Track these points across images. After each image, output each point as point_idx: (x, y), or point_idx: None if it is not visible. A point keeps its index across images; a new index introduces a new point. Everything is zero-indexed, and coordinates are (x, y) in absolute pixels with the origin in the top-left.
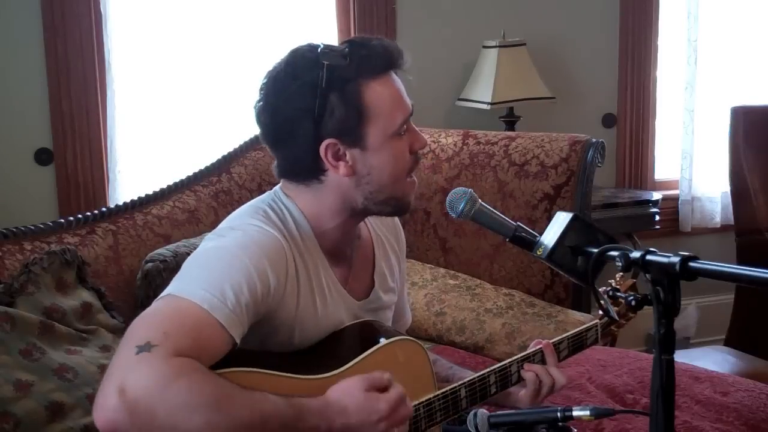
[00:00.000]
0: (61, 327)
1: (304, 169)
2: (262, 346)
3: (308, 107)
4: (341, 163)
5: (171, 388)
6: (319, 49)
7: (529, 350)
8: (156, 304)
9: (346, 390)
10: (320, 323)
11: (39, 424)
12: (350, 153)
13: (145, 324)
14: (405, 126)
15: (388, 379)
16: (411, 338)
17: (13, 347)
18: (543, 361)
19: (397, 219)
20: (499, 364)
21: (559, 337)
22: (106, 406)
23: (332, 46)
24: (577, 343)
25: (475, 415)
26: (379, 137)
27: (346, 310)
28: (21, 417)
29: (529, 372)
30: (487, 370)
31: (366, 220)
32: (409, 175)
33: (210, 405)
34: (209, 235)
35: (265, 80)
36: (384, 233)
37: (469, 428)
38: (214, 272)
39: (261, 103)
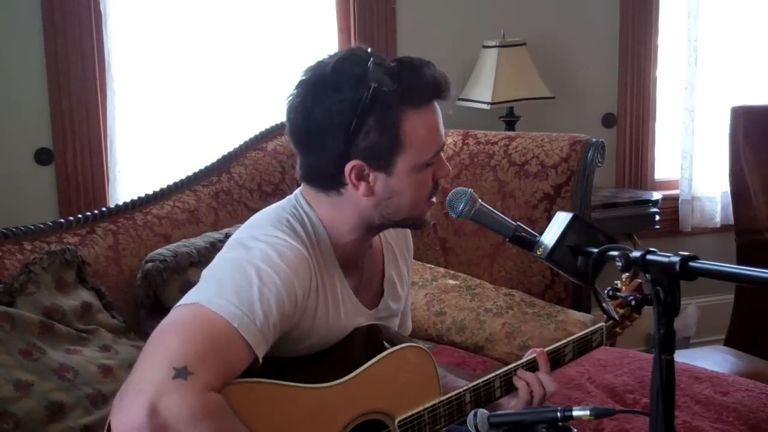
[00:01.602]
0: (61, 327)
1: (325, 179)
2: (270, 351)
3: (344, 123)
4: (363, 183)
5: (198, 427)
6: (369, 64)
7: (526, 358)
8: (187, 313)
9: None
10: (331, 332)
11: (39, 424)
12: (374, 175)
13: (180, 338)
14: (434, 157)
15: None
16: (417, 345)
17: (13, 347)
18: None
19: None
20: (504, 369)
21: (565, 341)
22: (132, 419)
23: (382, 62)
24: (583, 346)
25: (475, 414)
26: (407, 166)
27: (358, 320)
28: (21, 417)
29: (520, 381)
30: (492, 375)
31: None
32: (428, 200)
33: None
34: (232, 243)
35: (305, 78)
36: (395, 241)
37: (469, 428)
38: (243, 287)
39: (297, 101)
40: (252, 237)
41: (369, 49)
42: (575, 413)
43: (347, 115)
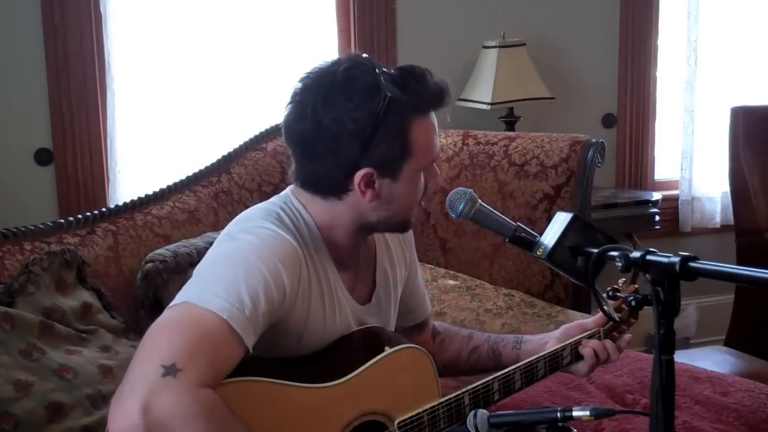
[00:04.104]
0: (61, 327)
1: (328, 185)
2: (268, 351)
3: (359, 132)
4: (369, 190)
5: (191, 424)
6: (377, 72)
7: (537, 355)
8: (176, 312)
9: None
10: (327, 329)
11: (39, 424)
12: (380, 182)
13: (169, 337)
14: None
15: None
16: (416, 346)
17: (13, 347)
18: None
19: None
20: (503, 372)
21: (563, 344)
22: (127, 420)
23: (387, 71)
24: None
25: (475, 415)
26: (411, 172)
27: (352, 316)
28: (21, 417)
29: (586, 348)
30: (492, 377)
31: None
32: (419, 203)
33: None
34: (222, 236)
35: (309, 84)
36: None
37: (469, 428)
38: (231, 279)
39: (304, 108)
40: (241, 230)
41: (365, 55)
42: (575, 413)
43: (362, 124)
